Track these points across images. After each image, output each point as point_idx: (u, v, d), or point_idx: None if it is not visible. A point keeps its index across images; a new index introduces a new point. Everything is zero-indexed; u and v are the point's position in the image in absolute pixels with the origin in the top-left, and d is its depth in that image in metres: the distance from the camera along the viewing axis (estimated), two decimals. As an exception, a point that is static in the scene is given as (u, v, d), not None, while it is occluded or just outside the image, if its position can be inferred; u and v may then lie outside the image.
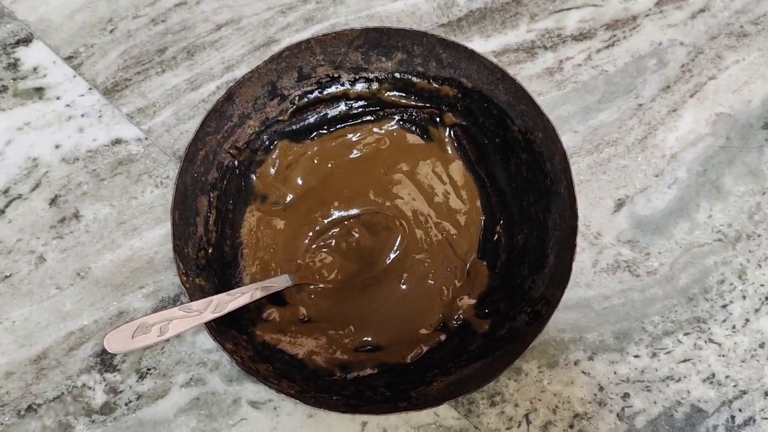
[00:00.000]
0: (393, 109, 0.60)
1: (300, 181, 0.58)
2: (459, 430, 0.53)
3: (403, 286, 0.55)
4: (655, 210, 0.59)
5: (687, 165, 0.60)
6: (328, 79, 0.58)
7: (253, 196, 0.57)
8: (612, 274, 0.57)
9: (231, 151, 0.55)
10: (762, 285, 0.57)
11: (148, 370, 0.54)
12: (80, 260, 0.56)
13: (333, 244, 0.57)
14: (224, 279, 0.54)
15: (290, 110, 0.58)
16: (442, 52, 0.55)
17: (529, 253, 0.53)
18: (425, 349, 0.53)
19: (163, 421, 0.53)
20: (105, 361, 0.54)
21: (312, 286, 0.55)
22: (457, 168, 0.59)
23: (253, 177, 0.57)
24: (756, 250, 0.58)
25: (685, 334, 0.55)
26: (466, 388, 0.46)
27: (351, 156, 0.59)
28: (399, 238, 0.56)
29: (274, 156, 0.58)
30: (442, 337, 0.54)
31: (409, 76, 0.57)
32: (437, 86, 0.57)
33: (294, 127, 0.59)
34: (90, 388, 0.53)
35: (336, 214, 0.58)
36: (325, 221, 0.57)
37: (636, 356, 0.55)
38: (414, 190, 0.58)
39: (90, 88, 0.62)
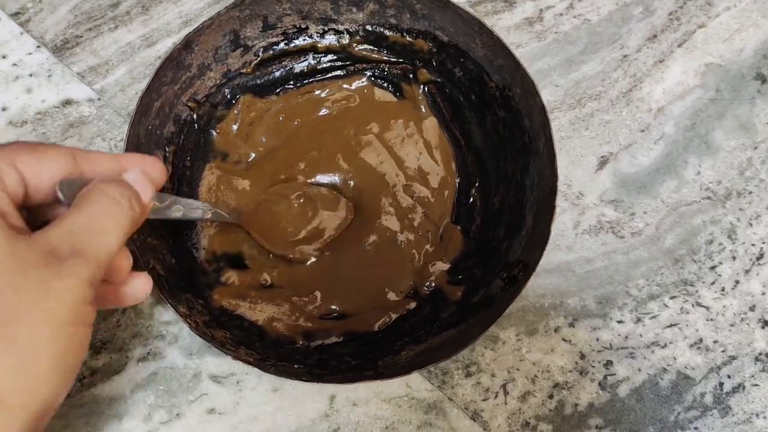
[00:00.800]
0: (364, 65, 0.56)
1: (263, 140, 0.55)
2: (432, 402, 0.50)
3: (372, 252, 0.52)
4: (640, 167, 0.56)
5: (674, 119, 0.57)
6: (295, 30, 0.54)
7: (212, 153, 0.54)
8: (594, 236, 0.54)
9: (189, 104, 0.51)
10: (753, 245, 0.54)
11: (104, 344, 0.51)
12: (29, 229, 0.53)
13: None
14: (179, 240, 0.50)
15: (254, 62, 0.54)
16: (416, 2, 0.51)
17: (505, 214, 0.50)
18: (394, 317, 0.50)
19: (120, 397, 0.50)
20: (57, 335, 0.51)
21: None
22: (431, 127, 0.55)
23: (214, 133, 0.54)
24: (747, 208, 0.55)
25: (672, 298, 0.53)
26: (436, 356, 0.44)
27: (319, 114, 0.56)
28: (343, 219, 0.53)
29: (235, 111, 0.54)
30: (413, 305, 0.51)
31: (382, 29, 0.54)
32: (411, 40, 0.53)
33: (258, 81, 0.55)
34: (41, 364, 0.50)
35: (300, 179, 0.54)
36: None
37: (619, 322, 0.52)
38: (384, 152, 0.55)
39: (38, 46, 0.58)
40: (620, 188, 0.55)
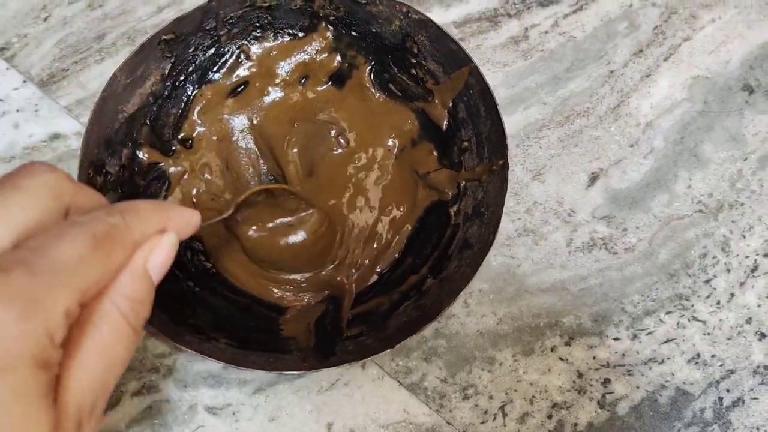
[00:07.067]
0: None
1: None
2: (431, 427, 0.49)
3: None
4: (631, 182, 0.56)
5: (663, 133, 0.57)
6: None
7: None
8: (588, 253, 0.54)
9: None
10: (747, 257, 0.54)
11: (97, 379, 0.50)
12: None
13: None
14: None
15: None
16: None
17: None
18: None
19: (115, 433, 0.49)
20: (50, 372, 0.50)
21: None
22: None
23: None
24: (739, 219, 0.55)
25: (667, 313, 0.52)
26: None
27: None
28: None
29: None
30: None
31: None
32: None
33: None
34: (34, 402, 0.50)
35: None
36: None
37: (616, 339, 0.52)
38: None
39: (25, 81, 0.58)
40: (612, 204, 0.55)
